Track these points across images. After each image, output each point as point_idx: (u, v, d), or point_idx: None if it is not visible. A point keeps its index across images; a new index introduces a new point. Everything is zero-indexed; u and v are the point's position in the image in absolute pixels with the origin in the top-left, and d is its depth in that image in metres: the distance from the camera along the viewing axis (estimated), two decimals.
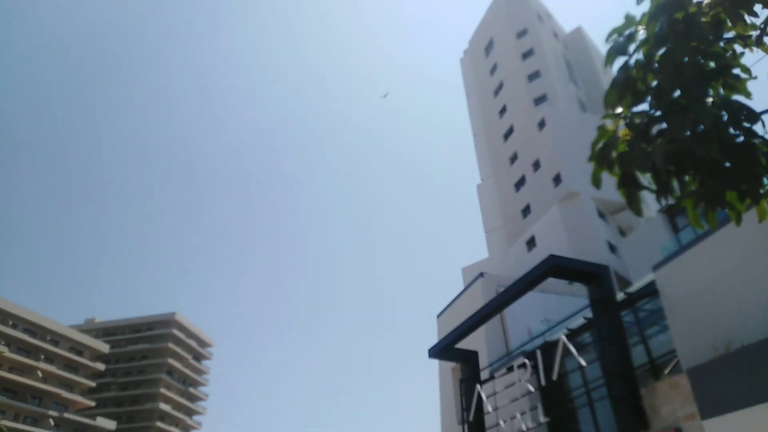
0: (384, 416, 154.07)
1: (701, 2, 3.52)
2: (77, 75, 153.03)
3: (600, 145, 3.79)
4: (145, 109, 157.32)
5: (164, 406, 74.76)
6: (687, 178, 3.55)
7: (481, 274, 26.04)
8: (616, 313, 14.49)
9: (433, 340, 28.13)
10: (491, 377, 18.66)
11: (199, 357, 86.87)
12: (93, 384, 64.30)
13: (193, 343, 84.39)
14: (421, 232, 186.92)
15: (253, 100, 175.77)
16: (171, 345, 78.85)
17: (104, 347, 67.47)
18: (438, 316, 28.59)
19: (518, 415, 15.92)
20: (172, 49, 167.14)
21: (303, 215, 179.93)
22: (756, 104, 3.44)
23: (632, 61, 3.65)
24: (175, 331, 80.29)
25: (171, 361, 78.15)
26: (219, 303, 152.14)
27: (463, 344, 19.55)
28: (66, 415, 57.94)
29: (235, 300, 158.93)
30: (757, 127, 3.37)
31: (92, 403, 63.48)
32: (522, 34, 40.66)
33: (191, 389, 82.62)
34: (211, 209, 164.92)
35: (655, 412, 12.70)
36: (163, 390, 75.70)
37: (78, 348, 63.60)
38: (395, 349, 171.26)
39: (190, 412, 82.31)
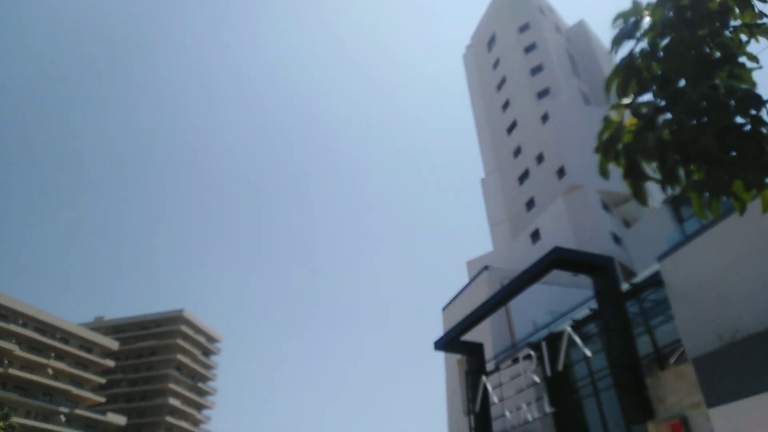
0: (391, 408, 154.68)
1: None
2: (87, 73, 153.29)
3: (605, 135, 3.84)
4: (150, 108, 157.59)
5: (173, 401, 75.29)
6: (692, 167, 3.60)
7: (486, 268, 26.11)
8: (621, 304, 14.55)
9: (439, 332, 28.28)
10: (497, 369, 18.79)
11: (207, 352, 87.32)
12: (103, 381, 64.82)
13: (201, 338, 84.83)
14: (427, 227, 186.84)
15: (258, 98, 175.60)
16: (179, 341, 79.29)
17: (113, 344, 67.97)
18: (443, 309, 28.71)
19: (524, 406, 16.05)
20: (182, 48, 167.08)
21: (310, 211, 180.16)
22: (763, 94, 3.46)
23: (638, 48, 3.67)
24: (184, 328, 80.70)
25: (179, 357, 78.61)
26: (227, 299, 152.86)
27: (468, 336, 19.67)
28: (77, 411, 58.50)
29: (243, 295, 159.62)
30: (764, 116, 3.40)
31: (102, 399, 64.02)
32: (524, 28, 40.52)
33: (200, 384, 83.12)
34: (219, 207, 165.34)
35: (660, 402, 12.78)
36: (172, 385, 76.21)
37: (87, 345, 64.09)
38: (402, 341, 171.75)
39: (199, 407, 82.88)
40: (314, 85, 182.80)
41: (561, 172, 31.29)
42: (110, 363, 66.40)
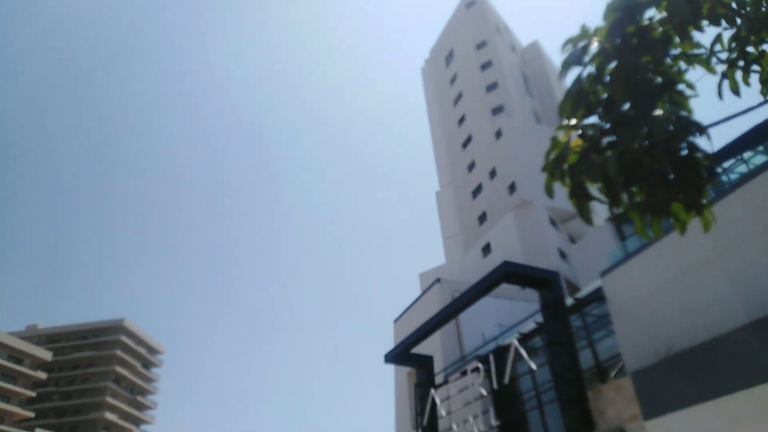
0: (340, 421, 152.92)
1: (652, 17, 3.67)
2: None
3: (552, 156, 3.89)
4: (94, 111, 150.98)
5: (110, 416, 71.50)
6: (635, 189, 3.69)
7: (438, 280, 26.31)
8: (566, 318, 14.93)
9: (390, 344, 28.20)
10: (445, 381, 18.84)
11: (148, 364, 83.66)
12: (33, 394, 60.75)
13: (142, 350, 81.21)
14: (381, 238, 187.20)
15: (208, 111, 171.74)
16: (119, 352, 75.61)
17: (46, 355, 63.87)
18: (395, 321, 28.67)
19: (471, 419, 16.13)
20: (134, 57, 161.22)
21: (260, 219, 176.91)
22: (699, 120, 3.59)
23: (585, 72, 3.76)
24: (124, 338, 77.06)
25: (118, 368, 74.92)
26: (171, 309, 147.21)
27: (418, 349, 19.67)
28: (2, 427, 54.46)
29: (189, 306, 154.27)
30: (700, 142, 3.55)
31: (31, 414, 59.92)
32: (481, 45, 41.58)
33: (139, 398, 79.42)
34: (166, 213, 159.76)
35: (601, 414, 13.14)
36: (109, 399, 72.41)
37: (17, 356, 59.96)
38: (353, 353, 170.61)
39: (138, 421, 79.06)
40: (269, 93, 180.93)
41: (512, 188, 32.08)
42: (42, 375, 62.34)
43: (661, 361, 11.85)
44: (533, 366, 15.08)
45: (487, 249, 31.93)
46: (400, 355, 19.75)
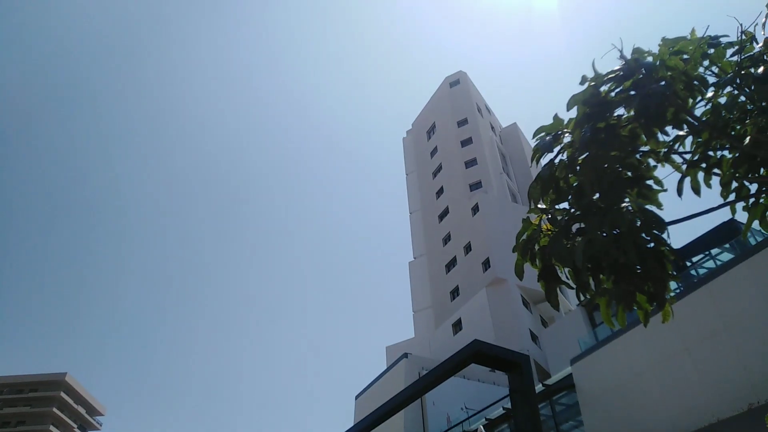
0: None
1: (621, 115, 3.81)
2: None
3: (524, 236, 3.87)
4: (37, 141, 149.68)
5: None
6: (602, 276, 3.65)
7: (405, 355, 25.58)
8: (534, 406, 14.41)
9: (350, 422, 26.79)
10: None
11: (85, 426, 77.35)
12: None
13: (81, 409, 75.38)
14: (348, 306, 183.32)
15: (181, 168, 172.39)
16: (55, 410, 69.94)
17: None
18: (356, 397, 27.46)
19: None
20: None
21: (224, 281, 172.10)
22: (664, 214, 3.64)
23: (557, 159, 3.83)
24: (63, 395, 71.50)
25: (52, 429, 68.98)
26: (121, 368, 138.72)
27: (380, 429, 18.68)
28: None
29: (141, 366, 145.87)
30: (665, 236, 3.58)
31: None
32: (463, 123, 43.36)
33: None
34: (120, 261, 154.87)
35: None
36: None
37: None
38: (307, 430, 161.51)
39: None
40: (246, 158, 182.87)
41: (486, 264, 32.20)
42: None
43: None
44: None
45: (458, 325, 31.47)
46: None
